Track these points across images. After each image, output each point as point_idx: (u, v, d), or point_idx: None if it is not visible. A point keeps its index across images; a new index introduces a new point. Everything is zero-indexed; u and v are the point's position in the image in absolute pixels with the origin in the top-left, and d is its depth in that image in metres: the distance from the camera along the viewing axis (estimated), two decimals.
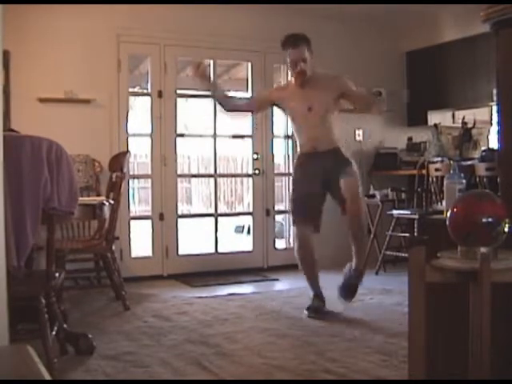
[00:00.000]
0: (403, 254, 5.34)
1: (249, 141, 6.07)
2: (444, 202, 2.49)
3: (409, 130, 6.54)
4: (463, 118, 6.14)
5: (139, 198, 9.35)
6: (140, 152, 7.84)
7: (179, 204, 6.15)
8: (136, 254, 5.58)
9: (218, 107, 4.63)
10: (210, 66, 5.95)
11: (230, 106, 4.29)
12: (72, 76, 5.16)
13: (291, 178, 4.50)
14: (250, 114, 5.34)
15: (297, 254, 4.11)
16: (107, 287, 4.48)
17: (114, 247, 4.41)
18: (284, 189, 6.35)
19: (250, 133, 6.04)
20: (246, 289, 5.05)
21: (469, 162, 5.19)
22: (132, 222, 5.55)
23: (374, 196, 5.93)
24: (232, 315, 4.04)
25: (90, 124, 5.20)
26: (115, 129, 5.33)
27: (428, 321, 1.81)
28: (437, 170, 5.24)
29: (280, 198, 6.47)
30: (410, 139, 6.49)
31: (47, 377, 1.20)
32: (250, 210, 6.17)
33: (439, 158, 5.45)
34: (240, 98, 4.73)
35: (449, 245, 1.89)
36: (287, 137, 6.12)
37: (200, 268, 5.63)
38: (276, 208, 6.18)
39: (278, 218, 6.41)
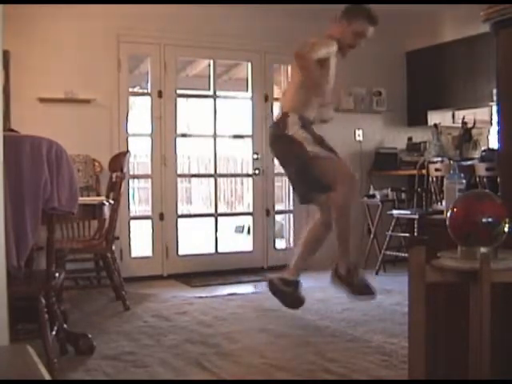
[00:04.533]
0: (403, 254, 5.34)
1: (249, 141, 6.07)
2: (444, 202, 2.49)
3: (409, 130, 6.54)
4: (463, 118, 6.14)
5: (139, 197, 9.35)
6: (140, 152, 7.84)
7: (179, 204, 6.14)
8: (136, 254, 5.58)
9: None
10: (210, 66, 5.96)
11: None
12: (72, 76, 5.16)
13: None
14: None
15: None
16: (107, 287, 4.48)
17: (114, 247, 4.41)
18: (284, 189, 6.35)
19: (250, 133, 6.04)
20: (245, 289, 5.05)
21: (469, 162, 5.20)
22: (132, 222, 5.55)
23: (374, 196, 5.93)
24: (232, 315, 4.04)
25: (90, 124, 5.20)
26: (115, 129, 5.33)
27: (428, 321, 1.81)
28: (437, 170, 5.25)
29: (280, 197, 6.46)
30: (410, 139, 6.49)
31: (47, 377, 1.20)
32: (250, 210, 6.17)
33: (439, 158, 5.46)
34: None
35: (449, 245, 1.89)
36: None
37: (200, 268, 5.63)
38: (276, 208, 6.18)
39: (278, 218, 6.41)
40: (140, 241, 5.90)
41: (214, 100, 5.88)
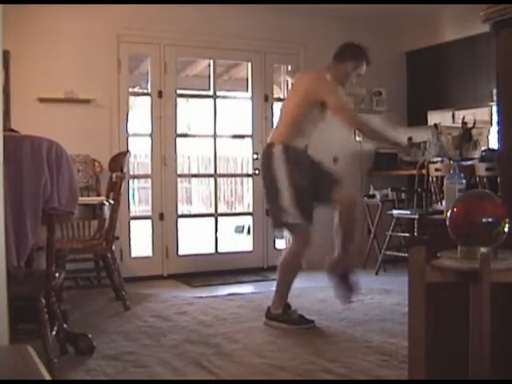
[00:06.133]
0: (403, 254, 5.34)
1: (249, 141, 6.07)
2: (444, 202, 2.49)
3: (409, 130, 6.53)
4: (463, 118, 6.14)
5: (139, 197, 9.37)
6: (140, 152, 7.85)
7: (179, 204, 6.15)
8: (136, 253, 5.58)
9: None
10: (210, 66, 5.96)
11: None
12: (72, 76, 5.16)
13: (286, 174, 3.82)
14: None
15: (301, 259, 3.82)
16: (107, 287, 4.48)
17: (114, 247, 4.41)
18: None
19: (250, 133, 6.05)
20: (245, 289, 5.05)
21: (469, 162, 5.20)
22: (132, 222, 5.55)
23: (374, 196, 5.93)
24: (232, 315, 4.04)
25: (90, 124, 5.20)
26: (115, 129, 5.33)
27: (428, 321, 1.81)
28: (437, 170, 5.25)
29: None
30: (410, 139, 6.48)
31: (47, 377, 1.20)
32: (250, 210, 6.17)
33: (439, 158, 5.46)
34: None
35: (449, 245, 1.89)
36: None
37: (200, 268, 5.63)
38: None
39: None
40: (140, 241, 5.90)
41: (214, 100, 5.88)
